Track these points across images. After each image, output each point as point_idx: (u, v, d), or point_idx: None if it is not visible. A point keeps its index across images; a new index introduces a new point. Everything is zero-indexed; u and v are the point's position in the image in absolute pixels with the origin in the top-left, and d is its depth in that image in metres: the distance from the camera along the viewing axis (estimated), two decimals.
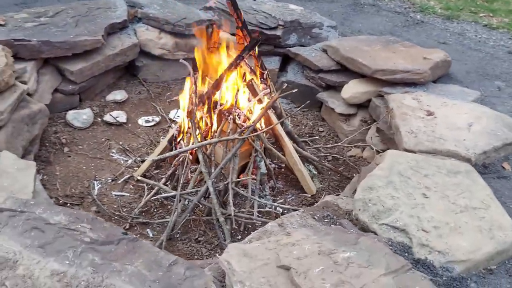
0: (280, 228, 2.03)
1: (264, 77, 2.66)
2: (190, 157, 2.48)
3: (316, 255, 1.70)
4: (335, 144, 3.10)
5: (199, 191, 2.40)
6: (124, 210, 2.54)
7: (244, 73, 2.53)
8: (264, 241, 1.85)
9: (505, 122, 2.71)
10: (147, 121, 3.34)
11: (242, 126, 2.44)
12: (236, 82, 2.54)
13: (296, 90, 2.45)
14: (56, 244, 1.60)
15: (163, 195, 2.42)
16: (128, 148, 3.04)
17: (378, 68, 3.16)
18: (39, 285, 1.46)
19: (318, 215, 2.11)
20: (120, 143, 3.10)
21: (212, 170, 2.43)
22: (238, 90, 2.51)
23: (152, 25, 3.70)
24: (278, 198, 2.72)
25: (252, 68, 2.58)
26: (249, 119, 2.49)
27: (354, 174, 3.03)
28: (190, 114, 2.51)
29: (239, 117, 2.45)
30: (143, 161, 2.92)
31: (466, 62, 3.82)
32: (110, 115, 3.30)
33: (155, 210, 2.57)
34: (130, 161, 2.92)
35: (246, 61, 2.53)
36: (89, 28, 3.34)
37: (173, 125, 3.25)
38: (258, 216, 2.41)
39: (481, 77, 3.62)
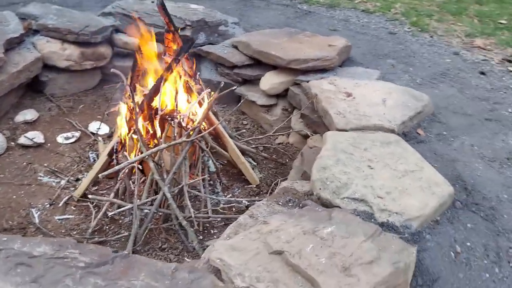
0: (252, 219, 2.12)
1: (197, 78, 2.70)
2: (140, 167, 2.44)
3: (302, 235, 1.83)
4: (267, 134, 3.25)
5: (155, 199, 2.38)
6: (75, 232, 2.42)
7: (180, 76, 2.55)
8: (246, 233, 1.93)
9: (411, 94, 3.09)
10: (67, 138, 3.16)
11: (188, 128, 2.46)
12: (173, 85, 2.54)
13: (235, 87, 2.53)
14: (50, 275, 1.51)
15: (120, 209, 2.35)
16: (56, 169, 2.86)
17: (292, 58, 3.37)
18: None
19: (281, 201, 2.24)
20: (45, 165, 2.90)
21: (164, 177, 2.42)
22: (176, 94, 2.52)
23: (52, 36, 3.48)
24: (225, 194, 2.79)
25: (186, 70, 2.60)
26: (192, 121, 2.52)
27: (287, 160, 3.23)
28: (131, 123, 2.47)
29: (183, 120, 2.47)
30: (77, 180, 2.79)
31: (359, 46, 4.21)
32: (25, 137, 3.06)
33: (107, 227, 2.49)
34: (63, 182, 2.76)
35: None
36: None
37: (99, 138, 3.12)
38: (217, 214, 2.47)
39: (374, 57, 4.03)
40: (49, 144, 3.10)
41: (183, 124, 2.46)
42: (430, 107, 3.07)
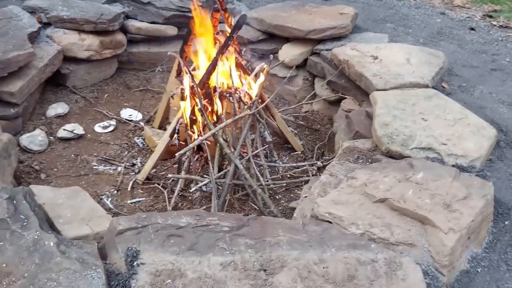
0: (333, 177, 2.28)
1: (242, 54, 2.80)
2: (209, 143, 2.53)
3: (398, 183, 2.02)
4: (300, 103, 3.42)
5: (227, 172, 2.49)
6: None
7: (232, 53, 2.64)
8: (338, 189, 2.10)
9: (427, 52, 3.32)
10: (104, 127, 3.18)
11: (247, 103, 2.57)
12: (227, 62, 2.63)
13: (283, 60, 2.65)
14: (202, 242, 1.62)
15: (200, 184, 2.44)
16: (108, 158, 2.90)
17: (310, 29, 3.52)
18: (220, 280, 1.50)
19: (351, 159, 2.42)
20: (95, 154, 2.92)
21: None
22: (230, 70, 2.61)
23: (68, 27, 3.43)
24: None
25: (235, 47, 2.70)
26: (249, 95, 2.63)
27: (318, 126, 3.41)
28: (192, 103, 2.55)
29: (243, 96, 2.57)
30: (132, 165, 2.85)
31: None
32: (64, 129, 3.05)
33: (180, 204, 2.58)
34: (120, 168, 2.81)
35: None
36: (11, 42, 2.98)
37: (141, 123, 3.17)
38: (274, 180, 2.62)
39: (374, 23, 4.25)
40: (89, 135, 3.10)
41: (243, 99, 2.57)
42: (447, 62, 3.31)
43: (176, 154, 2.36)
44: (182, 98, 2.60)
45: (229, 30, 2.69)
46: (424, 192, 1.95)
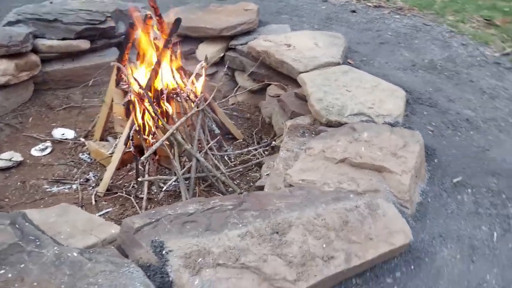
0: (290, 152, 2.58)
1: (177, 54, 2.95)
2: (168, 142, 2.66)
3: (350, 144, 2.37)
4: (230, 95, 3.63)
5: (190, 167, 2.66)
6: None
7: (171, 55, 2.79)
8: (301, 160, 2.40)
9: (329, 35, 3.78)
10: (42, 150, 3.11)
11: (194, 100, 2.75)
12: (168, 65, 2.77)
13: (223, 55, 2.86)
14: (215, 222, 1.80)
15: (169, 182, 2.56)
16: (58, 178, 2.87)
17: (223, 27, 3.77)
18: (244, 248, 1.71)
19: (298, 134, 2.74)
20: (42, 178, 2.87)
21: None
22: (173, 72, 2.76)
23: None
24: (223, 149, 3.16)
25: (171, 50, 2.85)
26: (194, 93, 2.81)
27: (248, 114, 3.68)
28: (142, 107, 2.66)
29: (190, 94, 2.75)
30: (86, 181, 2.86)
31: None
32: (2, 159, 2.93)
33: (149, 206, 2.68)
34: (75, 186, 2.80)
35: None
36: None
37: (82, 139, 3.16)
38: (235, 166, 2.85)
39: (272, 15, 4.62)
40: (28, 160, 3.02)
41: (191, 98, 2.74)
42: (346, 42, 3.80)
43: (141, 158, 2.47)
44: (130, 106, 2.69)
45: (160, 35, 2.83)
46: (373, 147, 2.33)
